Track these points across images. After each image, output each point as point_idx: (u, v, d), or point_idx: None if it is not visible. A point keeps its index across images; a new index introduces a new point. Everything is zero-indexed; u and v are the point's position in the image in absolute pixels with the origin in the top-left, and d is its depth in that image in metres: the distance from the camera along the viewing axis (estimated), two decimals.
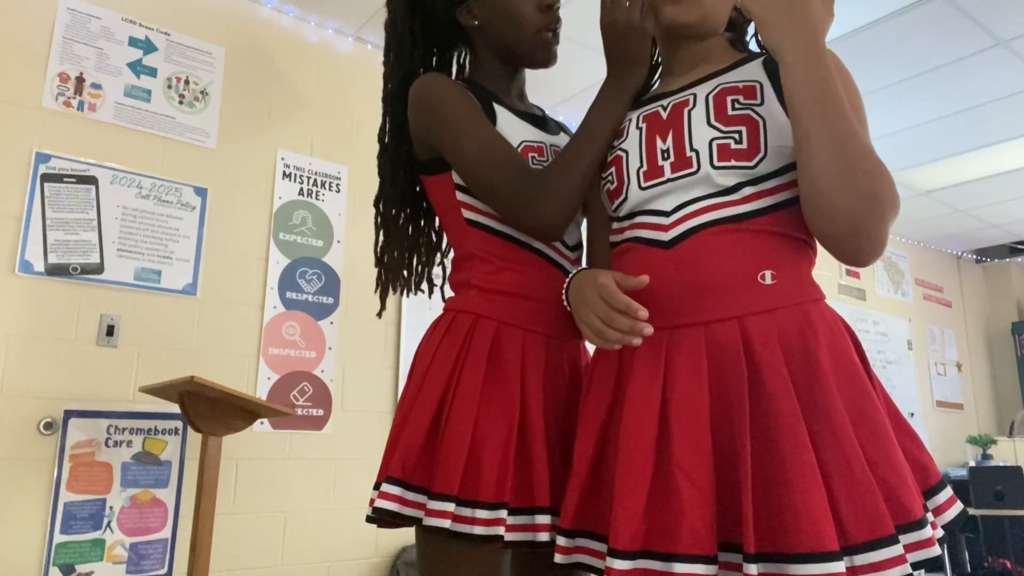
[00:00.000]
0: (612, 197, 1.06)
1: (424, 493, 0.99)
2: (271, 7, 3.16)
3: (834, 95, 0.84)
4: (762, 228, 0.93)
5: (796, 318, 0.90)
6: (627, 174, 1.02)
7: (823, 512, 0.77)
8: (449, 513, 0.96)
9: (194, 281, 2.75)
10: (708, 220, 0.94)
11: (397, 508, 1.00)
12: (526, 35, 1.18)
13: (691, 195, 0.96)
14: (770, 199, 0.94)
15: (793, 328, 0.89)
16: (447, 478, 0.98)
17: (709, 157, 0.95)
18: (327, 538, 2.90)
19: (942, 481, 0.89)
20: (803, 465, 0.79)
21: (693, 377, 0.89)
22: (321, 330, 3.03)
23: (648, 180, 1.00)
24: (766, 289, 0.90)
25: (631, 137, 1.05)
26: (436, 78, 1.15)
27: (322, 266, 3.09)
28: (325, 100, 3.24)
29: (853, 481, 0.79)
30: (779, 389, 0.84)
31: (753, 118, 0.94)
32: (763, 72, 0.98)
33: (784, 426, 0.82)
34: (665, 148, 0.99)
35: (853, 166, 0.82)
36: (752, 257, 0.92)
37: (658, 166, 0.99)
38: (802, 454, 0.80)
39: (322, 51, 3.29)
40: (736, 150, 0.93)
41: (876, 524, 0.77)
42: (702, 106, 0.98)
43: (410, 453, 1.02)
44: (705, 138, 0.95)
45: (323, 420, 2.97)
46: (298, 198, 3.09)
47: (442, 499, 0.97)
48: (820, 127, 0.84)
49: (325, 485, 2.93)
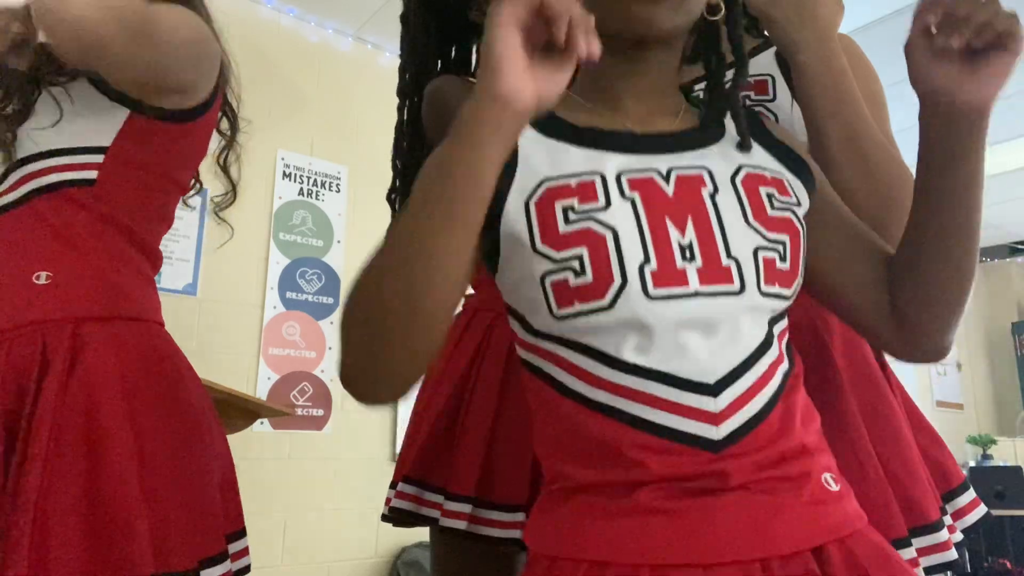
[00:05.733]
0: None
1: (441, 493, 0.99)
2: (271, 7, 3.15)
3: (849, 93, 0.82)
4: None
5: (810, 316, 0.88)
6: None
7: None
8: (466, 515, 0.95)
9: (194, 281, 2.74)
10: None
11: (413, 508, 1.00)
12: None
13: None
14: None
15: (807, 326, 0.88)
16: (464, 479, 0.97)
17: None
18: (327, 538, 2.90)
19: (964, 483, 0.87)
20: None
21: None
22: (321, 330, 3.03)
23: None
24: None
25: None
26: (450, 84, 1.14)
27: (322, 266, 3.09)
28: (325, 100, 3.24)
29: (865, 482, 0.78)
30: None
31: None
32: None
33: None
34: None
35: (873, 169, 0.80)
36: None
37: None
38: None
39: (322, 51, 3.28)
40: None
41: (888, 526, 0.76)
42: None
43: (427, 453, 1.01)
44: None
45: (323, 420, 2.97)
46: (298, 198, 3.08)
47: (459, 500, 0.96)
48: (837, 127, 0.81)
49: (325, 485, 2.93)
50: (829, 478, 0.65)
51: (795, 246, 0.68)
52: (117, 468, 0.86)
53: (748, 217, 0.67)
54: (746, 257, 0.65)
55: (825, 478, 0.64)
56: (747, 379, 0.63)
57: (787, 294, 0.67)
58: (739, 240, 0.66)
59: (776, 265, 0.66)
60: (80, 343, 0.92)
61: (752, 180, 0.69)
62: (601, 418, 0.63)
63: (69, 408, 0.87)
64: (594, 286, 0.63)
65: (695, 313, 0.63)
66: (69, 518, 0.82)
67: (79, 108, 1.04)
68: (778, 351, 0.67)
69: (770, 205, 0.68)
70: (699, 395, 0.62)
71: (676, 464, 0.61)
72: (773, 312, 0.67)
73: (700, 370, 0.62)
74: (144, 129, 1.05)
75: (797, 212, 0.70)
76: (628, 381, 0.63)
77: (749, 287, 0.64)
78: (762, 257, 0.65)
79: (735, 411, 0.62)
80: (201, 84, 1.10)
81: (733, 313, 0.64)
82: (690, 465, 0.60)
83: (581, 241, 0.64)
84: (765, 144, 0.74)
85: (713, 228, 0.66)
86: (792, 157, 0.74)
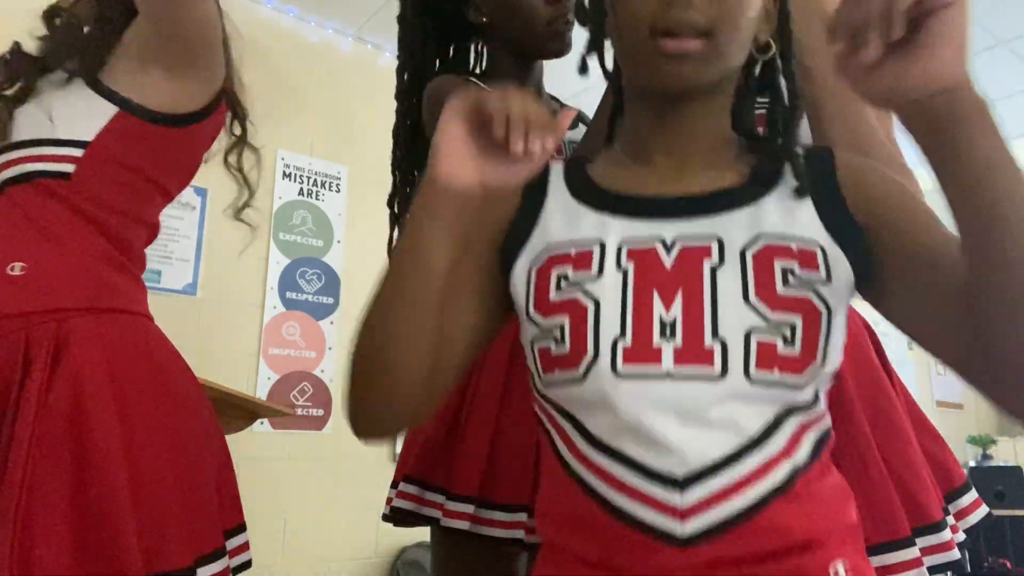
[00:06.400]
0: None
1: (442, 493, 0.99)
2: (271, 7, 3.15)
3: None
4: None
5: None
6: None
7: None
8: (468, 515, 0.95)
9: (194, 281, 2.74)
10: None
11: (414, 508, 0.99)
12: (537, 29, 1.15)
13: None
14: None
15: None
16: (466, 479, 0.97)
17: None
18: (327, 538, 2.90)
19: (967, 483, 0.88)
20: None
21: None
22: (321, 330, 3.03)
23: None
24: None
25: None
26: (449, 84, 1.13)
27: (322, 266, 3.09)
28: (325, 100, 3.24)
29: (868, 481, 0.78)
30: None
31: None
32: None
33: None
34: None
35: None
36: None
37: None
38: None
39: (322, 51, 3.28)
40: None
41: (892, 526, 0.76)
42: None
43: (428, 452, 1.01)
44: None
45: (323, 420, 2.97)
46: (298, 198, 3.08)
47: (461, 500, 0.96)
48: (842, 129, 0.76)
49: (325, 485, 2.92)
50: (840, 570, 0.59)
51: (809, 328, 0.60)
52: (104, 466, 0.84)
53: (748, 295, 0.61)
54: (735, 339, 0.59)
55: (837, 569, 0.59)
56: (730, 473, 0.57)
57: (794, 382, 0.60)
58: (731, 320, 0.60)
59: (777, 349, 0.59)
60: (64, 336, 0.90)
61: (768, 252, 0.62)
62: (577, 490, 0.61)
63: (53, 404, 0.85)
64: (569, 357, 0.62)
65: (667, 396, 0.59)
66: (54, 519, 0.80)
67: (71, 99, 1.02)
68: (784, 444, 0.59)
69: (783, 281, 0.61)
70: (663, 487, 0.57)
71: (639, 558, 0.58)
72: (780, 401, 0.60)
73: (667, 460, 0.58)
74: (130, 129, 1.03)
75: (821, 290, 0.61)
76: (599, 459, 0.60)
77: (733, 372, 0.58)
78: (756, 340, 0.59)
79: (708, 507, 0.57)
80: (199, 89, 1.08)
81: (715, 400, 0.58)
82: (653, 559, 0.57)
83: (565, 310, 0.63)
84: (823, 199, 0.65)
85: (704, 305, 0.61)
86: (846, 224, 0.64)
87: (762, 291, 0.61)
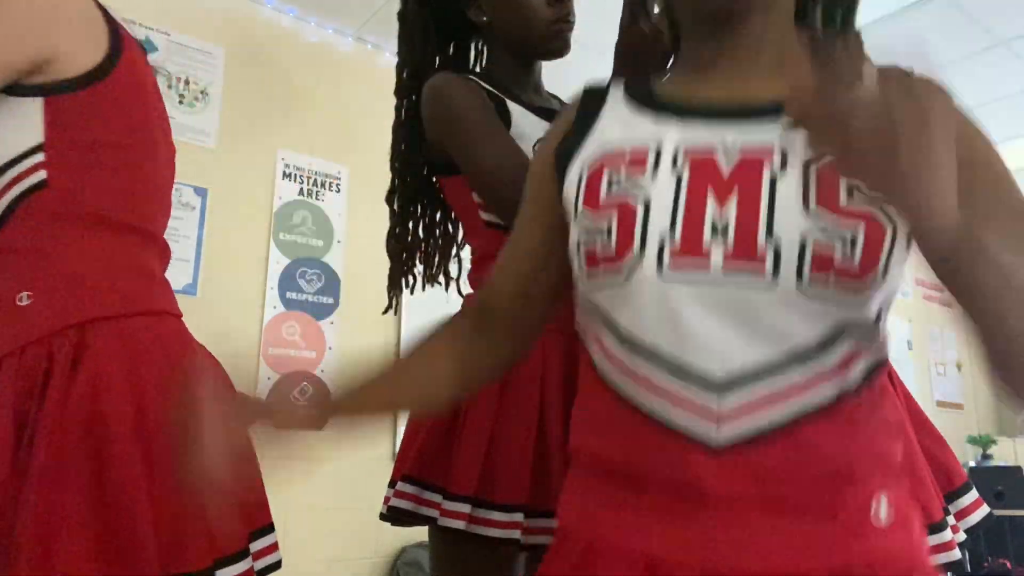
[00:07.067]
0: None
1: (440, 493, 0.99)
2: (271, 7, 3.15)
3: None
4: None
5: None
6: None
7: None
8: (465, 514, 0.95)
9: (194, 281, 2.74)
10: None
11: (412, 507, 1.00)
12: (538, 29, 1.16)
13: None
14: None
15: None
16: (464, 479, 0.97)
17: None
18: (327, 538, 2.90)
19: (967, 484, 0.87)
20: None
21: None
22: (321, 330, 3.03)
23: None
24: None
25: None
26: (449, 83, 1.13)
27: (322, 266, 3.09)
28: (325, 100, 3.24)
29: None
30: None
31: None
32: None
33: None
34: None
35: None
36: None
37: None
38: None
39: (322, 51, 3.28)
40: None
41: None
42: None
43: (426, 452, 1.01)
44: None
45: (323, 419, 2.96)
46: (298, 198, 3.08)
47: (458, 500, 0.96)
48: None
49: (325, 485, 2.92)
50: (882, 507, 0.57)
51: (871, 239, 0.57)
52: (123, 468, 0.85)
53: (809, 202, 0.57)
54: (790, 243, 0.56)
55: (879, 506, 0.57)
56: (773, 382, 0.56)
57: (852, 293, 0.57)
58: (787, 223, 0.57)
59: (834, 258, 0.56)
60: (84, 344, 0.91)
61: (834, 167, 0.57)
62: (611, 397, 0.61)
63: (73, 409, 0.86)
64: (614, 257, 0.61)
65: (714, 297, 0.57)
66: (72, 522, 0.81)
67: (2, 118, 0.97)
68: (835, 363, 0.57)
69: (847, 195, 0.57)
70: (701, 389, 0.56)
71: (668, 462, 0.57)
72: (836, 317, 0.57)
73: (707, 360, 0.56)
74: (65, 109, 0.98)
75: (887, 208, 0.57)
76: (635, 363, 0.59)
77: (785, 276, 0.56)
78: (813, 245, 0.56)
79: (745, 414, 0.55)
80: (75, 49, 0.99)
81: (766, 306, 0.56)
82: (682, 465, 0.56)
83: (614, 209, 0.61)
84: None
85: (760, 209, 0.58)
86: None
87: (825, 201, 0.57)
